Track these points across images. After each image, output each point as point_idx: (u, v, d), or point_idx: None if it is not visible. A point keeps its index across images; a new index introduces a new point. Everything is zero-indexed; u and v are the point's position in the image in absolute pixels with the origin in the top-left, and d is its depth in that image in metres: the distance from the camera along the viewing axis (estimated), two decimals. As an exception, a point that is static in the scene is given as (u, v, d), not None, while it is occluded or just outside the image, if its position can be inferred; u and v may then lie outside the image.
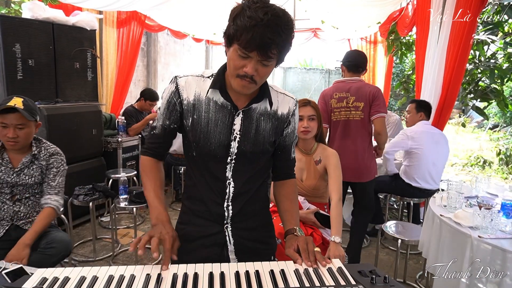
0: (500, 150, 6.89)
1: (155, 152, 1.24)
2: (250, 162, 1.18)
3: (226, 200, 1.18)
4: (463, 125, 7.02)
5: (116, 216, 3.85)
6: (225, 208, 1.18)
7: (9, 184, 1.89)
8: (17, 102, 1.81)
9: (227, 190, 1.17)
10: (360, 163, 2.71)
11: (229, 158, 1.16)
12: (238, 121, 1.14)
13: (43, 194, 1.96)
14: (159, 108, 1.24)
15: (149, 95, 4.43)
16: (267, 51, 0.97)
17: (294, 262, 1.04)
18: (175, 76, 1.18)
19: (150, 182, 1.19)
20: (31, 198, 1.96)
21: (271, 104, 1.18)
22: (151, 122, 4.58)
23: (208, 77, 1.16)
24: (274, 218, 2.00)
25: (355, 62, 2.77)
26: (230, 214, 1.19)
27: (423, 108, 3.32)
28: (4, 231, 1.89)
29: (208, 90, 1.14)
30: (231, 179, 1.17)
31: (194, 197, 1.23)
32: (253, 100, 1.14)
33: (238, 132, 1.14)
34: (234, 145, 1.15)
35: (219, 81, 1.13)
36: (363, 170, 2.73)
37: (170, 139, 1.24)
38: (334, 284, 0.92)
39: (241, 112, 1.14)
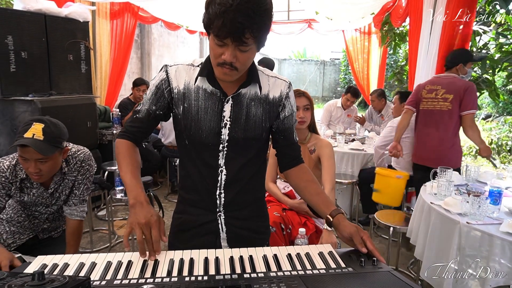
0: (492, 139, 6.98)
1: (134, 136, 1.21)
2: (242, 149, 1.18)
3: (218, 188, 1.19)
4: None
5: (112, 208, 3.87)
6: (217, 196, 1.19)
7: (44, 205, 1.81)
8: (36, 131, 1.53)
9: (219, 178, 1.18)
10: (440, 150, 2.93)
11: (221, 145, 1.16)
12: (228, 108, 1.14)
13: (66, 203, 1.84)
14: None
15: (135, 82, 4.48)
16: (240, 37, 0.95)
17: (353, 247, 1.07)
18: (166, 65, 1.18)
19: (126, 163, 1.16)
20: (58, 212, 1.88)
21: (260, 88, 1.17)
22: None
23: (198, 66, 1.16)
24: (269, 207, 2.05)
25: (446, 61, 3.06)
26: (223, 202, 1.20)
27: (405, 98, 3.42)
28: (25, 240, 1.86)
29: (197, 78, 1.14)
30: (224, 167, 1.17)
31: (188, 186, 1.24)
32: (241, 85, 1.14)
33: (228, 119, 1.14)
34: (225, 132, 1.15)
35: (207, 68, 1.12)
36: (442, 157, 2.91)
37: (152, 125, 1.22)
38: (325, 267, 0.96)
39: (230, 99, 1.14)
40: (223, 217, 1.22)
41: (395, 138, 3.19)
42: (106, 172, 3.66)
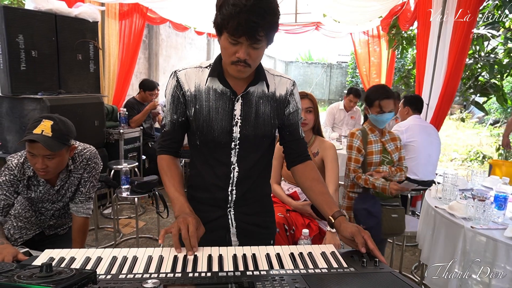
0: (499, 145, 6.91)
1: (169, 149, 1.26)
2: (253, 146, 1.22)
3: (230, 185, 1.23)
4: (463, 120, 7.04)
5: (118, 206, 3.91)
6: (229, 193, 1.24)
7: (51, 201, 1.83)
8: (45, 127, 1.56)
9: (232, 175, 1.22)
10: None
11: (233, 143, 1.20)
12: (238, 107, 1.18)
13: (72, 200, 1.86)
14: (164, 106, 1.27)
15: (146, 86, 4.49)
16: (254, 35, 1.00)
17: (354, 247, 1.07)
18: (175, 71, 1.22)
19: (168, 178, 1.22)
20: (64, 208, 1.90)
21: (268, 86, 1.22)
22: (159, 113, 4.62)
23: (206, 67, 1.21)
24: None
25: None
26: (234, 198, 1.24)
27: (408, 103, 3.42)
28: (31, 236, 1.88)
29: (207, 79, 1.18)
30: (236, 164, 1.21)
31: (198, 185, 1.28)
32: (250, 83, 1.18)
33: (239, 117, 1.19)
34: (236, 130, 1.19)
35: (217, 69, 1.17)
36: None
37: (181, 134, 1.26)
38: (327, 266, 0.97)
39: (240, 98, 1.18)
40: (233, 212, 1.26)
41: (506, 134, 3.61)
42: (113, 171, 3.69)
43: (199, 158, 1.25)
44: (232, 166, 1.22)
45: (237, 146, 1.20)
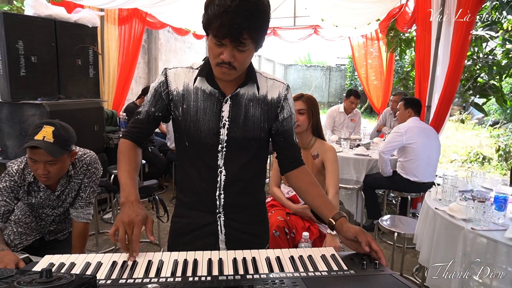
0: (499, 146, 6.91)
1: (135, 137, 1.23)
2: (241, 149, 1.18)
3: (218, 189, 1.19)
4: (462, 121, 7.04)
5: (118, 211, 3.90)
6: (216, 197, 1.20)
7: (51, 207, 1.82)
8: (46, 133, 1.57)
9: (219, 178, 1.18)
10: None
11: (220, 145, 1.17)
12: (226, 108, 1.16)
13: (72, 205, 1.86)
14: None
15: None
16: (238, 37, 0.97)
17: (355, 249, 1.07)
18: (165, 68, 1.21)
19: (124, 163, 1.18)
20: (65, 214, 1.90)
21: (258, 88, 1.19)
22: None
23: (197, 68, 1.19)
24: (273, 211, 2.06)
25: None
26: (222, 203, 1.20)
27: (410, 104, 3.42)
28: (31, 241, 1.88)
29: (196, 79, 1.17)
30: (223, 167, 1.18)
31: (187, 189, 1.25)
32: (239, 85, 1.16)
33: (227, 119, 1.16)
34: (224, 132, 1.16)
35: (206, 69, 1.15)
36: None
37: (152, 127, 1.25)
38: (327, 269, 0.96)
39: (229, 99, 1.16)
40: (223, 218, 1.22)
41: None
42: (113, 176, 3.69)
43: (187, 161, 1.22)
44: (219, 169, 1.18)
45: (224, 149, 1.17)
